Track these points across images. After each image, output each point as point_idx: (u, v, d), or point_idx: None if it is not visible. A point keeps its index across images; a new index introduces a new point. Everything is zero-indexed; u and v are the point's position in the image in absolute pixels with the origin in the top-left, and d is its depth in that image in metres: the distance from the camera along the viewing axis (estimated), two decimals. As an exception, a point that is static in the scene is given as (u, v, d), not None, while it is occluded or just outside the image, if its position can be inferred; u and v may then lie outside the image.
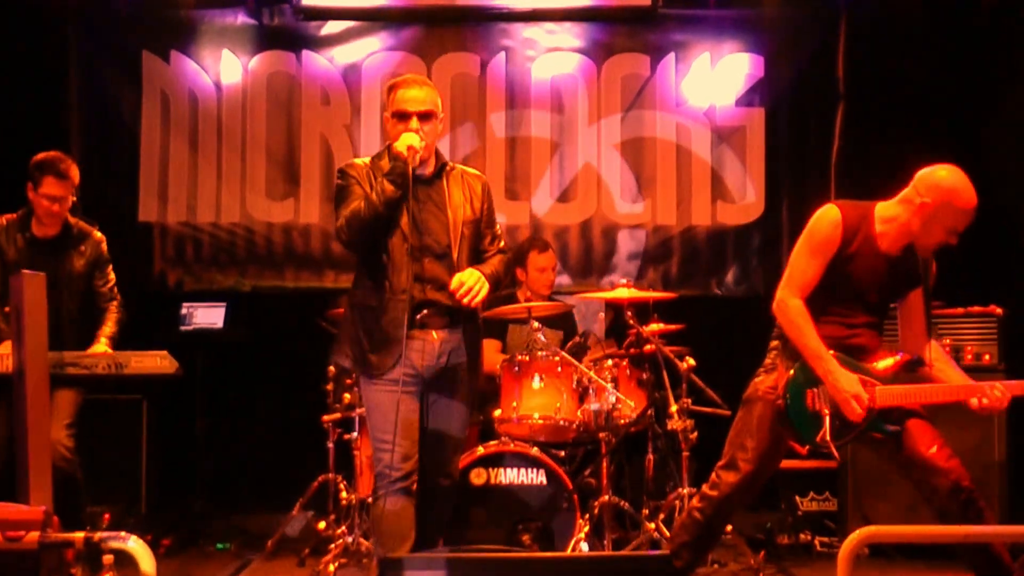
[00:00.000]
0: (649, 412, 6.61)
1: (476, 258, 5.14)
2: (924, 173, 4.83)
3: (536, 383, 6.46)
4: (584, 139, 8.75)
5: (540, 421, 6.43)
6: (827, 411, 4.76)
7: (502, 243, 5.28)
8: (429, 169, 5.09)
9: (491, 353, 6.91)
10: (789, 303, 4.85)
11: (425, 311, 4.99)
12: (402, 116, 4.98)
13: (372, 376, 4.98)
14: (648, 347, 6.66)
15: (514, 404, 6.45)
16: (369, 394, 5.01)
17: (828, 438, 4.74)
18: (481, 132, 8.72)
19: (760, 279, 8.66)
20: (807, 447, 4.86)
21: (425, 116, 4.98)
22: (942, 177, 4.77)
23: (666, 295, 7.08)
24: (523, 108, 8.75)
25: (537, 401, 6.44)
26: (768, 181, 8.74)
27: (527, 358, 6.51)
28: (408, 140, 4.89)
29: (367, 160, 5.13)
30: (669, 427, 6.50)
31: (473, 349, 5.18)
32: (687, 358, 6.65)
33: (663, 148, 8.75)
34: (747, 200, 8.74)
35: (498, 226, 5.29)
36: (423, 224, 5.00)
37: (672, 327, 6.90)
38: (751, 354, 5.27)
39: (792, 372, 4.85)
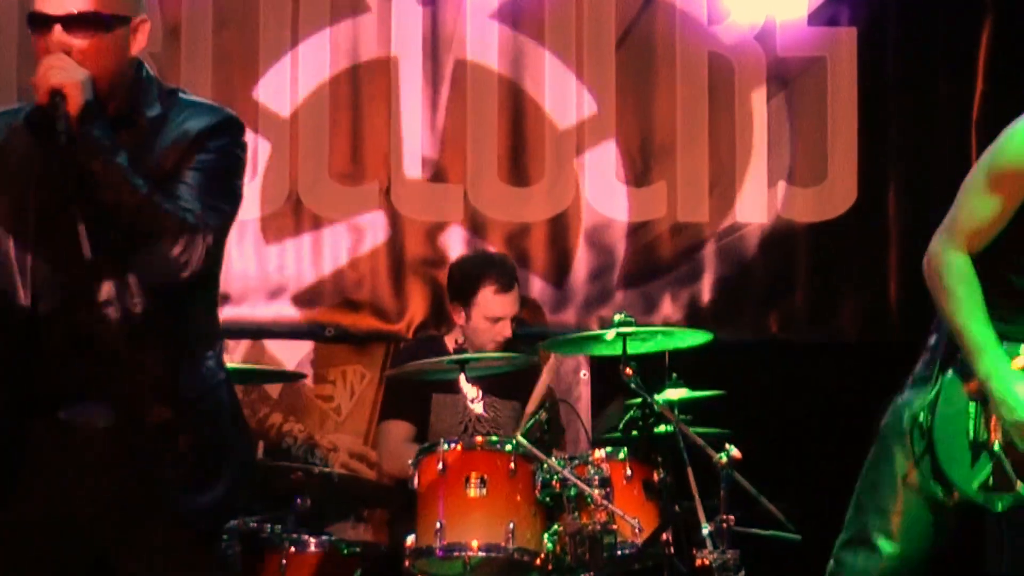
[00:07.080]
0: (665, 536, 6.62)
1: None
2: None
3: (475, 490, 6.49)
4: (554, 82, 8.76)
5: (481, 554, 6.44)
6: (996, 438, 4.79)
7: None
8: (124, 114, 4.50)
9: (397, 444, 7.07)
10: (947, 258, 4.91)
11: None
12: (37, 23, 4.41)
13: None
14: (662, 427, 6.68)
15: (438, 525, 6.46)
16: None
17: (992, 485, 4.77)
18: (383, 67, 8.66)
19: (853, 314, 8.69)
20: (957, 498, 4.86)
21: (81, 22, 4.36)
22: None
23: (693, 340, 7.10)
24: (453, 31, 8.72)
25: (477, 520, 6.48)
26: (863, 151, 8.76)
27: (459, 448, 6.54)
28: (51, 75, 4.29)
29: None
30: (698, 562, 6.50)
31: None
32: (728, 447, 6.61)
33: (686, 96, 8.77)
34: (829, 181, 8.75)
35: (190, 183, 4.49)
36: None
37: (703, 394, 6.99)
38: (839, 438, 5.19)
39: (942, 372, 4.91)
